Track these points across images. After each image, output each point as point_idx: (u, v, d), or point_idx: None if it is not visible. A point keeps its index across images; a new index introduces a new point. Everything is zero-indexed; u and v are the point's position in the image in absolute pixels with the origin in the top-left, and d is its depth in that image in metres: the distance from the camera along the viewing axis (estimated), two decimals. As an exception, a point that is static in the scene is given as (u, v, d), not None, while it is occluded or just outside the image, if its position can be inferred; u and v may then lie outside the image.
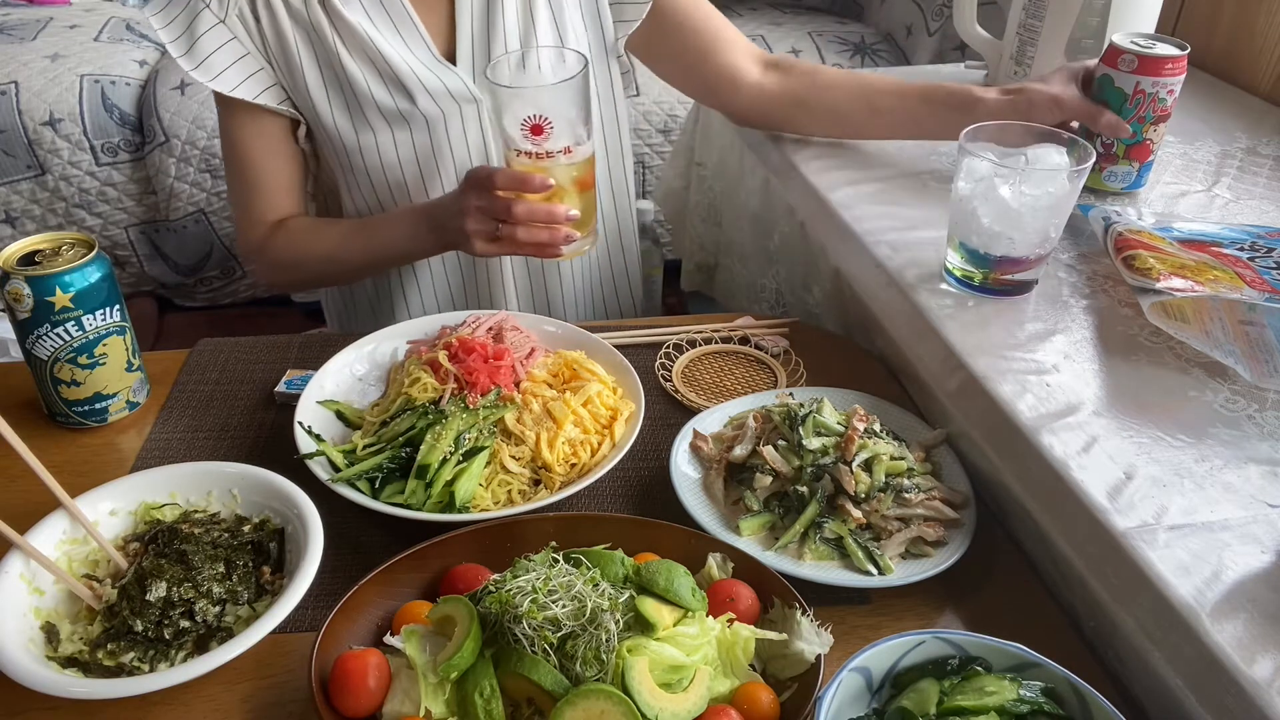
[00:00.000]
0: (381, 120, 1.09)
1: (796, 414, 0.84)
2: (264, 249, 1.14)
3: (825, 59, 2.39)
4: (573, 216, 0.96)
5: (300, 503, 0.76)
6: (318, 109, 1.08)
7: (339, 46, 1.05)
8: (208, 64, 1.04)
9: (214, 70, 1.04)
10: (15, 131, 2.14)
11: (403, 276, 1.20)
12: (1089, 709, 0.59)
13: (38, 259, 0.86)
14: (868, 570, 0.75)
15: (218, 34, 1.04)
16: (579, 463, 0.86)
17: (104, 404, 0.92)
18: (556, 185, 0.95)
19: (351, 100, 1.08)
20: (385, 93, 1.07)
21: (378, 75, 1.07)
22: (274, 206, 1.14)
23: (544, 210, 0.95)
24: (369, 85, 1.07)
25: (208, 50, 1.04)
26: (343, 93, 1.08)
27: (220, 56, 1.04)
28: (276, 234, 1.13)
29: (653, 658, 0.62)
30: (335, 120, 1.09)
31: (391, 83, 1.07)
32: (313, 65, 1.07)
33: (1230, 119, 1.37)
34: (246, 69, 1.06)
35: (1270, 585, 0.65)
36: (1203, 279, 0.88)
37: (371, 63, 1.06)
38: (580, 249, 1.00)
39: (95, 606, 0.71)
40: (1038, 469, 0.76)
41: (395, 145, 1.11)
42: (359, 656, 0.64)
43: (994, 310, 0.94)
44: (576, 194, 0.97)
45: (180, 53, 1.04)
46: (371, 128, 1.09)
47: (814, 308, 1.19)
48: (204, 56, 1.04)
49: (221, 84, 1.04)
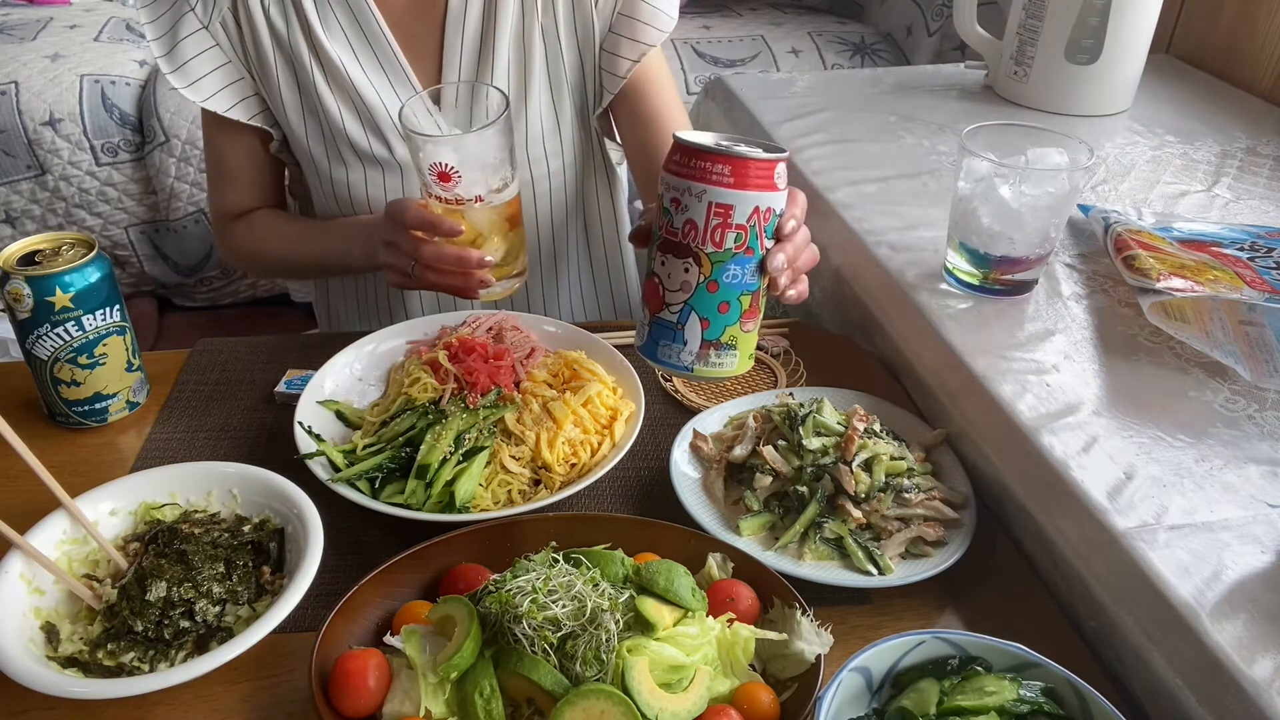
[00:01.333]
0: (355, 158, 1.07)
1: (796, 414, 0.84)
2: (227, 237, 1.15)
3: (825, 59, 2.39)
4: (487, 262, 0.91)
5: (300, 503, 0.76)
6: (294, 131, 1.07)
7: (316, 77, 1.03)
8: (186, 69, 1.02)
9: (191, 76, 1.02)
10: (15, 131, 2.14)
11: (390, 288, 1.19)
12: (1089, 709, 0.59)
13: (38, 259, 0.86)
14: (868, 570, 0.75)
15: (199, 39, 1.02)
16: (579, 463, 0.86)
17: (104, 404, 0.92)
18: (472, 229, 0.90)
19: (326, 132, 1.06)
20: (360, 132, 1.05)
21: (355, 114, 1.04)
22: (241, 201, 1.13)
23: (453, 255, 0.89)
24: (344, 122, 1.04)
25: (188, 55, 1.02)
26: (319, 122, 1.05)
27: (199, 63, 1.02)
28: (239, 224, 1.13)
29: (653, 658, 0.62)
30: (309, 147, 1.07)
31: (368, 124, 1.05)
32: (291, 89, 1.04)
33: (1230, 119, 1.37)
34: (225, 78, 1.03)
35: (1270, 585, 0.65)
36: (1203, 279, 0.88)
37: (350, 100, 1.04)
38: (506, 289, 0.95)
39: (95, 606, 0.71)
40: (1038, 469, 0.76)
41: (366, 183, 1.08)
42: (359, 656, 0.64)
43: (994, 310, 0.94)
44: (497, 237, 0.92)
45: (161, 53, 1.03)
46: (344, 162, 1.07)
47: (814, 308, 1.19)
48: (183, 60, 1.02)
49: (196, 93, 1.03)
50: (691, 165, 0.65)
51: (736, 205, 0.65)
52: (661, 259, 0.69)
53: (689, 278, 0.67)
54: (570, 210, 1.18)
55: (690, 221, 0.66)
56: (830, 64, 2.39)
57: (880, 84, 1.51)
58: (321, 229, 1.11)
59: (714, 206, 0.65)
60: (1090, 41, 1.34)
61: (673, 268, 0.68)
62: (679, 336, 0.69)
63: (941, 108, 1.41)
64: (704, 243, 0.66)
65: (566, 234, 1.19)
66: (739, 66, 2.36)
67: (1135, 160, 1.25)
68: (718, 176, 0.65)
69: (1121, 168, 1.23)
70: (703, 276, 0.67)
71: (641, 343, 0.72)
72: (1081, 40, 1.34)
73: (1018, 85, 1.42)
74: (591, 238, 1.22)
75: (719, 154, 0.64)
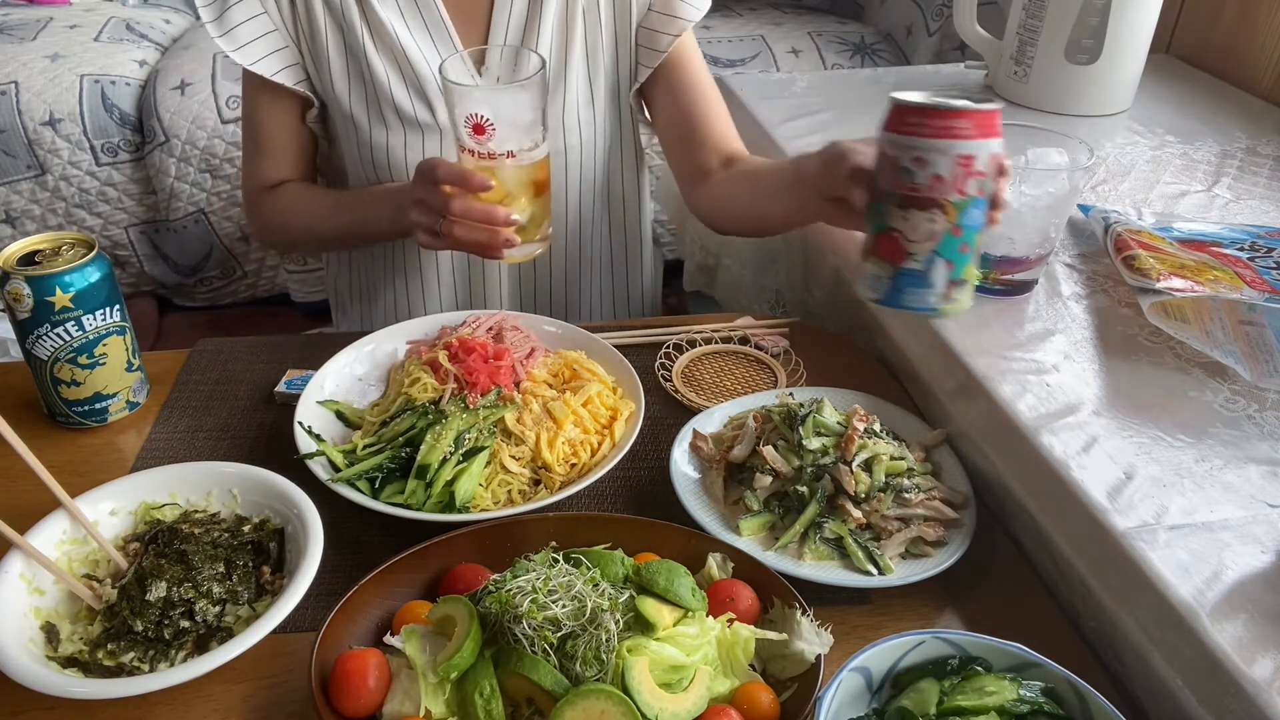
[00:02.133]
0: (397, 121, 1.09)
1: (796, 414, 0.84)
2: (257, 210, 1.17)
3: (825, 59, 2.39)
4: (513, 221, 0.92)
5: (300, 503, 0.76)
6: (337, 95, 1.09)
7: (366, 40, 1.06)
8: (234, 34, 1.06)
9: (239, 41, 1.06)
10: (15, 131, 2.14)
11: (406, 276, 1.21)
12: (1089, 709, 0.59)
13: (38, 259, 0.86)
14: (868, 570, 0.75)
15: (249, 6, 1.05)
16: (579, 463, 0.86)
17: (104, 404, 0.92)
18: (501, 187, 0.92)
19: (371, 95, 1.09)
20: (405, 96, 1.08)
21: (400, 77, 1.07)
22: (274, 172, 1.15)
23: (481, 210, 0.91)
24: (390, 85, 1.07)
25: (237, 20, 1.05)
26: (364, 86, 1.09)
27: (247, 28, 1.06)
28: (269, 196, 1.15)
29: (653, 658, 0.62)
30: (352, 110, 1.10)
31: (413, 88, 1.08)
32: (339, 52, 1.08)
33: (1230, 119, 1.37)
34: (271, 45, 1.07)
35: (1270, 585, 0.65)
36: (1202, 279, 0.88)
37: (396, 63, 1.07)
38: (528, 253, 0.97)
39: (95, 606, 0.71)
40: (1038, 469, 0.76)
41: (405, 146, 1.11)
42: (359, 656, 0.64)
43: (994, 310, 0.94)
44: (525, 198, 0.94)
45: (211, 18, 1.06)
46: (386, 125, 1.10)
47: (814, 308, 1.19)
48: (232, 26, 1.06)
49: (243, 56, 1.06)
50: (935, 125, 0.72)
51: (978, 154, 0.72)
52: (903, 215, 0.74)
53: (935, 227, 0.73)
54: (598, 185, 1.21)
55: (936, 176, 0.72)
56: (830, 64, 2.39)
57: (880, 84, 1.51)
58: (349, 198, 1.13)
59: (959, 158, 0.71)
60: (1090, 41, 1.34)
61: (916, 220, 0.73)
62: (925, 281, 0.75)
63: (941, 108, 1.41)
64: (950, 192, 0.72)
65: (593, 208, 1.22)
66: (739, 66, 2.36)
67: (1135, 160, 1.25)
68: (961, 130, 0.71)
69: (1121, 168, 1.23)
70: (948, 223, 0.73)
71: (881, 294, 0.77)
72: (1081, 40, 1.34)
73: (1018, 85, 1.42)
74: (613, 214, 1.25)
75: (962, 111, 0.71)
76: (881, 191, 0.75)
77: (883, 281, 0.77)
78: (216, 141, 2.17)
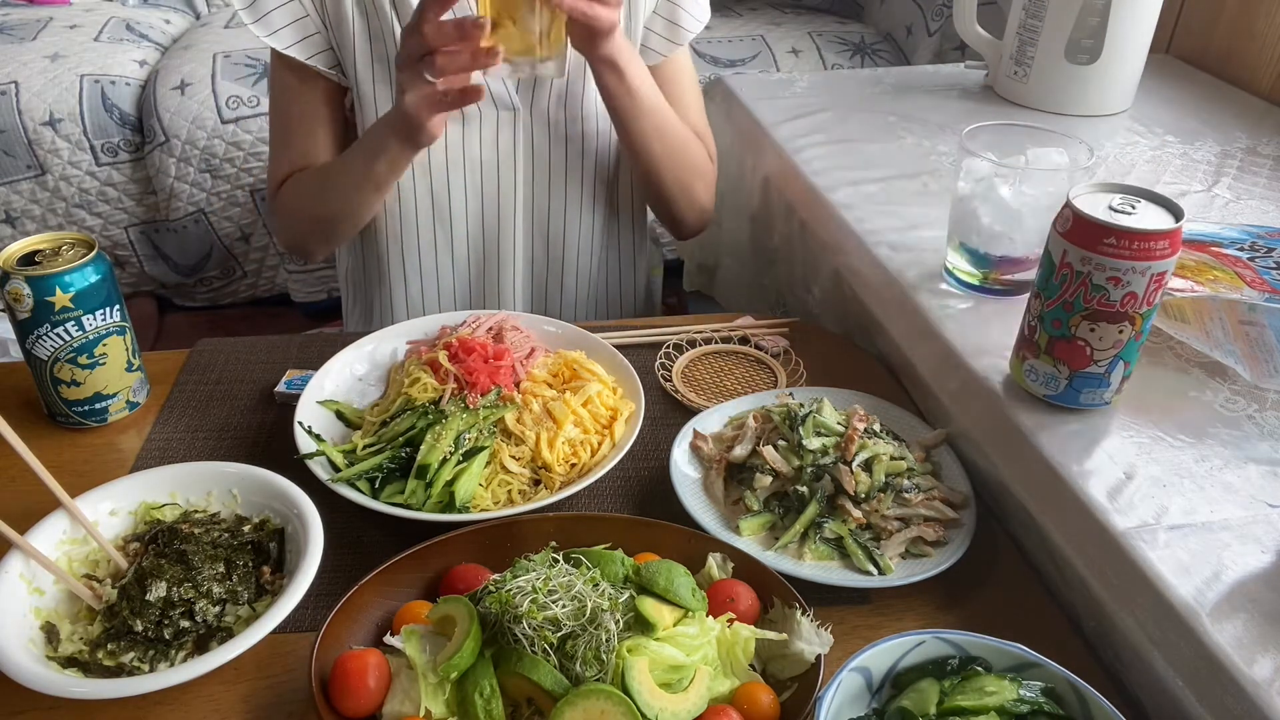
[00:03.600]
0: None
1: (796, 414, 0.84)
2: (277, 204, 1.17)
3: (825, 59, 2.39)
4: (481, 23, 0.85)
5: (300, 503, 0.76)
6: (360, 78, 1.10)
7: (395, 22, 1.07)
8: (267, 19, 1.06)
9: (272, 26, 1.06)
10: (15, 131, 2.14)
11: (406, 276, 1.20)
12: (1089, 709, 0.59)
13: (38, 259, 0.86)
14: (868, 570, 0.75)
15: None
16: (579, 463, 0.86)
17: (104, 404, 0.92)
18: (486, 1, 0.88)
19: (393, 76, 1.08)
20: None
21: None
22: (303, 160, 1.15)
23: (451, 26, 0.86)
24: None
25: (269, 6, 1.06)
26: (388, 68, 1.09)
27: (280, 14, 1.07)
28: (286, 185, 1.15)
29: (653, 658, 0.62)
30: (375, 93, 1.10)
31: None
32: (364, 36, 1.08)
33: (1230, 119, 1.37)
34: (303, 30, 1.07)
35: (1270, 585, 0.65)
36: (1203, 279, 0.88)
37: None
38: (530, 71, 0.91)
39: (95, 606, 0.71)
40: (1038, 469, 0.76)
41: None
42: (359, 656, 0.64)
43: (994, 310, 0.94)
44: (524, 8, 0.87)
45: (244, 4, 1.07)
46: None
47: (814, 308, 1.19)
48: (265, 11, 1.06)
49: (277, 41, 1.07)
50: (1133, 248, 0.71)
51: (1169, 269, 0.73)
52: (1091, 326, 0.75)
53: (1122, 337, 0.75)
54: (609, 179, 1.21)
55: (1131, 293, 0.73)
56: (830, 64, 2.39)
57: (880, 84, 1.51)
58: (352, 147, 1.11)
59: (1155, 277, 0.72)
60: (1090, 41, 1.34)
61: (1104, 332, 0.75)
62: (1104, 382, 0.77)
63: (941, 108, 1.41)
64: (1141, 306, 0.73)
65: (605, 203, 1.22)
66: (739, 66, 2.36)
67: (1135, 160, 1.25)
68: (1159, 252, 0.72)
69: (1121, 168, 1.23)
70: (1135, 333, 0.75)
71: (1055, 393, 0.79)
72: (1081, 40, 1.34)
73: (1018, 85, 1.42)
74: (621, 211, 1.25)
75: (1160, 233, 0.71)
76: (1066, 303, 0.75)
77: (1058, 382, 0.78)
78: (216, 141, 2.17)
